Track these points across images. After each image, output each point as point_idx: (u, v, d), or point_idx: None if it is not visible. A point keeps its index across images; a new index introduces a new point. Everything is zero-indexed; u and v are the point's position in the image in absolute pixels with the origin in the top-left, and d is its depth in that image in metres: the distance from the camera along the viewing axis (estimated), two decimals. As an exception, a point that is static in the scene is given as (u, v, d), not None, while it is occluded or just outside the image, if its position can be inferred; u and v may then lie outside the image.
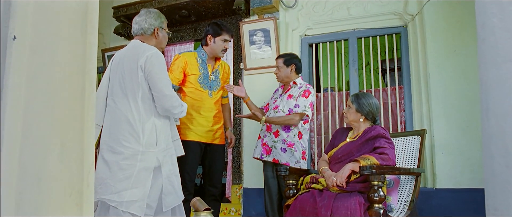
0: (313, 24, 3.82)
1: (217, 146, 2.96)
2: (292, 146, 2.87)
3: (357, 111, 2.41)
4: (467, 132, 3.06)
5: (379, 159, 2.12)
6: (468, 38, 3.14)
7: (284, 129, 2.89)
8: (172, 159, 2.20)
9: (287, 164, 2.84)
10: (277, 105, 2.99)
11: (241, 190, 3.77)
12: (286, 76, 3.01)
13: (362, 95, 2.45)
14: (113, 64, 2.21)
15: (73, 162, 1.29)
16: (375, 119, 2.45)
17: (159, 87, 2.07)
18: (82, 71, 1.35)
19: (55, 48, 1.28)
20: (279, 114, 2.92)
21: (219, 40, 2.93)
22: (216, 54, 2.97)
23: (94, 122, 1.31)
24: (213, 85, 2.96)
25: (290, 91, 3.01)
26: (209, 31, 2.97)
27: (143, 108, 2.06)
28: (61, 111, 1.28)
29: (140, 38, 2.26)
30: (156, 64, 2.08)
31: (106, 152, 2.04)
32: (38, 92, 1.27)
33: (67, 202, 1.27)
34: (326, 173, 2.29)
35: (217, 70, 3.03)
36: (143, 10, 2.29)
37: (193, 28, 4.42)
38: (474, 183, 2.98)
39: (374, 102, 2.43)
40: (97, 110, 2.13)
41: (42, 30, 1.27)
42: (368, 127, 2.39)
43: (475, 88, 3.08)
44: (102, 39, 4.84)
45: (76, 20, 1.36)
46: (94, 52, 1.41)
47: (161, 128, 2.12)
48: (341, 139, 2.47)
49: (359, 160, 2.12)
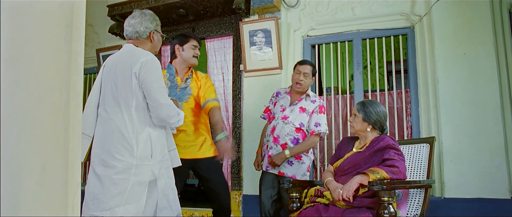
0: (316, 24, 3.68)
1: (207, 160, 2.68)
2: (300, 158, 2.74)
3: (363, 120, 2.27)
4: (477, 139, 2.94)
5: (389, 173, 1.99)
6: (479, 40, 3.02)
7: (293, 142, 2.76)
8: (168, 172, 2.06)
9: (294, 176, 2.71)
10: (286, 116, 2.83)
11: (240, 197, 3.64)
12: (308, 86, 2.89)
13: (369, 102, 2.32)
14: (105, 70, 2.06)
15: (55, 188, 1.15)
16: (383, 128, 2.31)
17: (155, 96, 1.93)
18: (67, 84, 1.20)
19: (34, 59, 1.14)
20: (289, 127, 2.78)
21: (187, 47, 2.76)
22: (188, 62, 2.76)
23: (80, 142, 1.16)
24: (183, 96, 2.71)
25: (302, 103, 2.85)
26: (175, 42, 2.80)
27: (137, 118, 1.92)
28: (42, 130, 1.14)
29: (134, 42, 2.11)
30: (151, 72, 1.93)
31: (97, 166, 1.90)
32: (16, 109, 1.12)
33: (48, 235, 1.12)
34: (332, 185, 2.15)
35: (188, 79, 2.79)
36: (137, 12, 2.14)
37: (191, 28, 4.27)
38: (483, 193, 2.86)
39: (381, 110, 2.29)
40: (88, 120, 1.99)
41: (19, 39, 1.13)
42: (375, 137, 2.26)
43: (486, 93, 2.96)
44: (97, 38, 4.69)
45: (59, 25, 1.21)
46: (80, 62, 1.26)
47: (157, 139, 1.98)
48: (347, 150, 2.34)
49: (368, 173, 2.00)
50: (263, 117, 3.08)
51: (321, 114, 2.82)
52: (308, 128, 2.81)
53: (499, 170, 2.83)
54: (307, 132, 2.81)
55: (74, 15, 1.25)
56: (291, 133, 2.77)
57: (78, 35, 1.25)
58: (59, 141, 1.13)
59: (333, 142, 3.65)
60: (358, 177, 2.04)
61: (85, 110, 2.04)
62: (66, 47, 1.20)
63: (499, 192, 2.80)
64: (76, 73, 1.23)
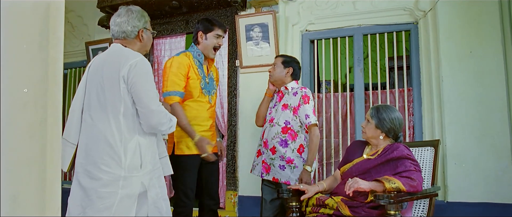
0: (315, 18, 3.52)
1: None
2: (291, 162, 2.59)
3: (376, 127, 2.12)
4: (482, 141, 2.83)
5: (406, 185, 1.86)
6: (486, 38, 2.89)
7: (281, 144, 2.61)
8: (160, 181, 1.92)
9: (288, 182, 2.57)
10: (272, 118, 2.70)
11: (236, 198, 3.51)
12: (280, 78, 2.72)
13: (383, 108, 2.16)
14: (90, 71, 1.89)
15: (31, 215, 1.00)
16: (398, 136, 2.17)
17: (145, 102, 1.77)
18: (43, 96, 1.05)
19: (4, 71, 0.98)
20: (275, 128, 2.64)
21: (211, 37, 2.60)
22: (207, 54, 2.62)
23: (59, 167, 1.02)
24: (211, 90, 2.66)
25: (284, 100, 2.70)
26: (199, 28, 2.63)
27: (126, 126, 1.76)
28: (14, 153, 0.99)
29: (121, 42, 1.94)
30: (141, 75, 1.77)
31: (82, 177, 1.75)
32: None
33: None
34: None
35: (211, 72, 2.73)
36: (122, 9, 1.95)
37: (184, 20, 4.08)
38: (489, 197, 2.77)
39: (396, 117, 2.14)
40: (72, 126, 1.83)
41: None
42: (388, 145, 2.12)
43: (492, 93, 2.84)
44: (86, 30, 4.49)
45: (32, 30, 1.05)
46: (59, 71, 1.10)
47: (147, 148, 1.83)
48: (356, 155, 2.20)
49: (383, 182, 1.86)
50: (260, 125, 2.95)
51: (307, 105, 2.61)
52: (300, 122, 2.62)
53: (506, 173, 2.74)
54: (295, 130, 2.62)
55: (50, 17, 1.08)
56: (278, 135, 2.62)
57: (56, 40, 1.09)
58: (33, 166, 0.98)
59: (332, 140, 3.53)
60: (373, 183, 1.91)
61: (69, 115, 1.88)
62: (40, 54, 1.04)
63: (505, 197, 2.71)
64: (54, 84, 1.07)
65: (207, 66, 2.68)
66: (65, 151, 1.84)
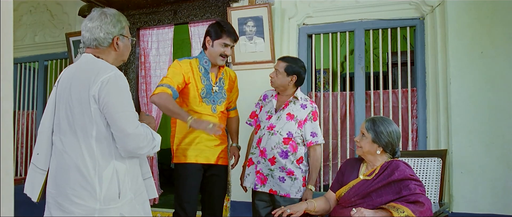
0: (314, 11, 3.27)
1: (219, 167, 2.51)
2: (292, 174, 2.39)
3: (373, 142, 1.94)
4: (491, 148, 2.67)
5: (416, 212, 1.71)
6: (499, 38, 2.69)
7: (282, 155, 2.40)
8: (144, 207, 1.71)
9: (288, 195, 2.38)
10: (273, 125, 2.46)
11: (228, 203, 3.33)
12: (282, 86, 2.48)
13: (380, 121, 1.97)
14: (59, 86, 1.64)
15: None
16: (395, 151, 1.98)
17: (120, 125, 1.53)
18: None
19: None
20: (276, 137, 2.41)
21: (217, 44, 2.38)
22: (214, 61, 2.42)
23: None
24: (217, 99, 2.45)
25: (289, 108, 2.47)
26: (208, 32, 2.43)
27: (99, 151, 1.53)
28: None
29: (93, 52, 1.67)
30: (114, 94, 1.53)
31: (54, 209, 1.54)
32: None
33: None
34: None
35: (222, 80, 2.50)
36: (95, 12, 1.67)
37: (172, 10, 3.80)
38: (496, 209, 2.62)
39: (394, 130, 1.95)
40: (41, 150, 1.60)
41: None
42: (386, 162, 1.94)
43: (504, 97, 2.66)
44: (67, 20, 4.19)
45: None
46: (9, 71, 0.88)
47: (126, 173, 1.60)
48: (351, 176, 2.01)
49: (391, 211, 1.71)
50: (249, 124, 2.70)
51: (315, 123, 2.47)
52: (304, 138, 2.46)
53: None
54: (296, 142, 2.44)
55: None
56: (279, 145, 2.41)
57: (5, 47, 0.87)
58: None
59: (330, 142, 3.33)
60: (379, 211, 1.76)
61: (37, 136, 1.65)
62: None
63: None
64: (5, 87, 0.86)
65: (216, 74, 2.48)
66: (34, 178, 1.62)
